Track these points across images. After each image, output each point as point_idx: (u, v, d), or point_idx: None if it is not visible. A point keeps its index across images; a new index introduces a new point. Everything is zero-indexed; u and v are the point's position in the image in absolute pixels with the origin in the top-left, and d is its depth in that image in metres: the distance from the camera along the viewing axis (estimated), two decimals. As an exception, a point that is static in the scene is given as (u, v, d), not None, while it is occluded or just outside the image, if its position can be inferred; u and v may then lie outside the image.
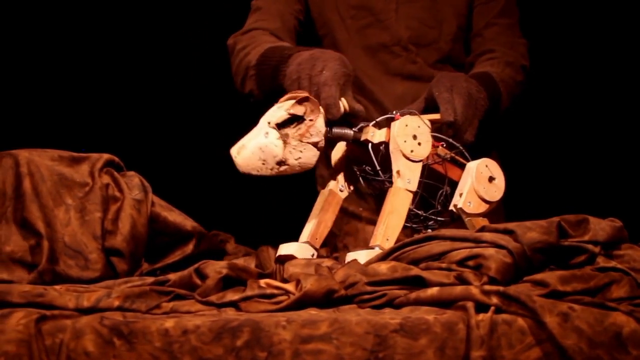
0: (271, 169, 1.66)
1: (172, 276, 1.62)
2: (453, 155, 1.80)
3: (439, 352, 1.44)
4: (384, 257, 1.64)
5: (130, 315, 1.50)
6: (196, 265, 1.63)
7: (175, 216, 1.81)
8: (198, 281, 1.60)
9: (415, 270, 1.55)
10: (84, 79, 3.10)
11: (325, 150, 1.72)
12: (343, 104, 1.76)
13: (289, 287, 1.59)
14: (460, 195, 1.78)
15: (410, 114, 1.78)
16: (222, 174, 3.00)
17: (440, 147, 1.79)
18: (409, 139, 1.72)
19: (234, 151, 1.65)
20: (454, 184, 1.80)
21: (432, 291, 1.51)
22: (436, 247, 1.60)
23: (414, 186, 1.73)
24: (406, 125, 1.73)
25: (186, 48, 3.10)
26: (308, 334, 1.45)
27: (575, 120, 3.01)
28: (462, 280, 1.53)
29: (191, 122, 3.10)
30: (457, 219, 1.79)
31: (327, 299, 1.54)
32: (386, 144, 1.75)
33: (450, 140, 1.81)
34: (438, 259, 1.59)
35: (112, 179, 1.78)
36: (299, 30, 2.25)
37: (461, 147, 1.81)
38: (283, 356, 1.44)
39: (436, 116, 1.85)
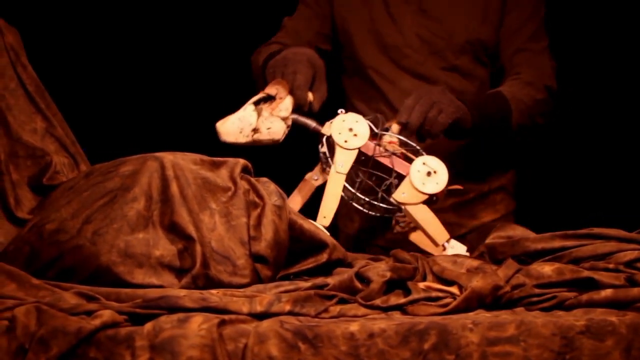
0: (247, 136, 1.95)
1: (331, 280, 1.60)
2: (404, 152, 1.97)
3: (625, 353, 1.45)
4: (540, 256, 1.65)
5: (304, 319, 1.47)
6: (356, 269, 1.62)
7: (309, 224, 1.78)
8: (359, 285, 1.59)
9: (586, 272, 1.55)
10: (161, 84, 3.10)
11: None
12: (309, 98, 2.03)
13: (453, 289, 1.59)
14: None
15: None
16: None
17: (389, 143, 1.97)
18: (344, 131, 1.97)
19: (218, 123, 1.95)
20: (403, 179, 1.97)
21: (606, 293, 1.52)
22: (601, 247, 1.62)
23: (345, 169, 1.96)
24: (343, 121, 1.98)
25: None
26: (495, 336, 1.44)
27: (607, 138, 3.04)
28: (632, 282, 1.54)
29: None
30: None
31: (493, 296, 1.54)
32: None
33: (404, 139, 1.99)
34: (603, 259, 1.60)
35: (250, 184, 1.75)
36: (321, 44, 2.42)
37: (415, 146, 1.98)
38: (471, 359, 1.43)
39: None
